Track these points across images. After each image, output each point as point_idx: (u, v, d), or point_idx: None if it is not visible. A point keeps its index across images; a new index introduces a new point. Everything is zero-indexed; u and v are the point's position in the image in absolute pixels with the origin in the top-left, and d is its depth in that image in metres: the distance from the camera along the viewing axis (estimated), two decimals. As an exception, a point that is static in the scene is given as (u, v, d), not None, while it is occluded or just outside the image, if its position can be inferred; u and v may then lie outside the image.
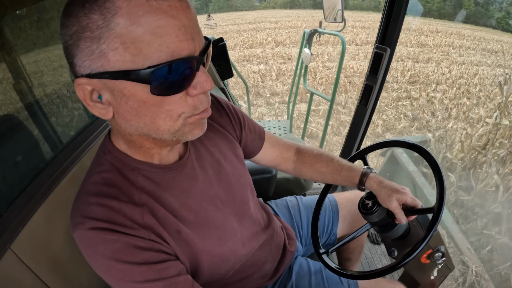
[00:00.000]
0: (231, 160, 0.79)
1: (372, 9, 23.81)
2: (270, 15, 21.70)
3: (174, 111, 0.50)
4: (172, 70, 0.45)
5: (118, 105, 0.48)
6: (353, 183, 0.87)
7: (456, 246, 2.50)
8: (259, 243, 0.85)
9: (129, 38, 0.42)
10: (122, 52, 0.43)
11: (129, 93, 0.46)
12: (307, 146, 0.99)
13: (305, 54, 2.50)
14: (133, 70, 0.44)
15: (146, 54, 0.43)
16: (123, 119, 0.51)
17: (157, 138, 0.53)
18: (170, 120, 0.50)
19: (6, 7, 0.91)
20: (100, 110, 0.49)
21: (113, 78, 0.45)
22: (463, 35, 13.57)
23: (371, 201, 0.81)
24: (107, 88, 0.47)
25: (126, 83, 0.45)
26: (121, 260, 0.53)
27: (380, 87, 1.58)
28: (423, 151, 0.82)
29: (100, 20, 0.42)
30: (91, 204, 0.55)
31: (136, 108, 0.48)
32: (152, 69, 0.43)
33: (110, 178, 0.58)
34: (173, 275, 0.58)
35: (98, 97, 0.49)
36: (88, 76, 0.45)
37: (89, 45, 0.43)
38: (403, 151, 3.38)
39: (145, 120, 0.50)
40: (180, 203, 0.64)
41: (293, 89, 3.17)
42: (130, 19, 0.42)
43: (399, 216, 0.76)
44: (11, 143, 0.88)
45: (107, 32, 0.42)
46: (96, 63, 0.44)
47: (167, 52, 0.44)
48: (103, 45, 0.43)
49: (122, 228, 0.54)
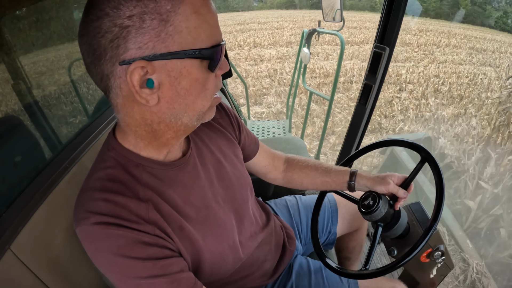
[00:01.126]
0: (231, 159, 0.80)
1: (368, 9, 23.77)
2: (262, 16, 21.60)
3: (209, 91, 0.56)
4: (221, 51, 0.54)
5: (170, 87, 0.52)
6: (343, 181, 0.90)
7: (456, 244, 2.51)
8: (258, 241, 0.86)
9: (193, 23, 0.49)
10: (186, 35, 0.49)
11: (187, 72, 0.51)
12: (294, 156, 1.03)
13: (304, 53, 2.50)
14: (200, 49, 0.50)
15: (203, 38, 0.50)
16: (167, 103, 0.53)
17: (185, 122, 0.57)
18: (206, 100, 0.57)
19: (5, 8, 0.91)
20: (147, 96, 0.51)
21: (178, 58, 0.49)
22: (454, 34, 13.44)
23: (370, 199, 0.81)
24: (165, 69, 0.50)
25: (187, 62, 0.50)
26: (126, 256, 0.53)
27: (379, 86, 1.58)
28: (421, 149, 0.82)
29: (169, 4, 0.47)
30: (96, 199, 0.55)
31: (187, 88, 0.53)
32: (215, 47, 0.52)
33: (114, 174, 0.58)
34: (176, 272, 0.58)
35: (145, 84, 0.50)
36: (148, 58, 0.48)
37: (155, 27, 0.46)
38: (403, 149, 3.39)
39: (188, 100, 0.54)
40: (183, 199, 0.65)
41: (292, 88, 3.17)
42: (193, 7, 0.48)
43: (400, 193, 0.81)
44: (10, 143, 0.88)
45: (174, 16, 0.47)
46: (161, 44, 0.48)
47: (213, 38, 0.52)
48: (170, 27, 0.47)
49: (127, 223, 0.54)
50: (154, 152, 0.61)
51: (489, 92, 6.85)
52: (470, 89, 7.10)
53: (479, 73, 8.17)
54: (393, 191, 0.81)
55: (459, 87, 7.24)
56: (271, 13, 24.50)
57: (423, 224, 0.86)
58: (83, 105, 1.31)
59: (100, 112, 1.19)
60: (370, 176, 0.86)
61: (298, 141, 2.06)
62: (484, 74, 8.08)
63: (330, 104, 2.35)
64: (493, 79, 7.68)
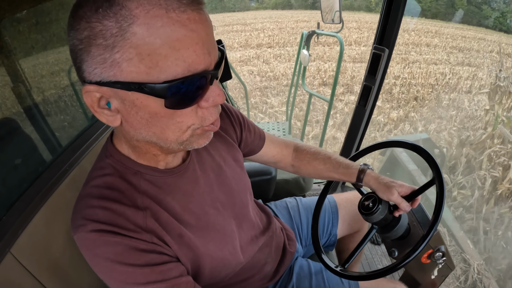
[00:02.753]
0: (231, 164, 0.79)
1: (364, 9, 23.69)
2: (252, 17, 21.50)
3: (184, 123, 0.49)
4: (187, 85, 0.44)
5: (128, 114, 0.47)
6: (351, 180, 0.88)
7: (457, 245, 2.50)
8: (259, 245, 0.85)
9: (146, 49, 0.40)
10: (137, 63, 0.41)
11: (141, 104, 0.45)
12: (305, 144, 1.00)
13: (303, 55, 2.50)
14: (148, 83, 0.42)
15: (162, 67, 0.42)
16: (131, 128, 0.50)
17: (165, 147, 0.53)
18: (179, 132, 0.50)
19: (5, 10, 0.92)
20: (107, 117, 0.48)
21: (126, 89, 0.43)
22: (442, 33, 13.26)
23: (370, 201, 0.81)
24: (118, 97, 0.45)
25: (138, 95, 0.44)
26: (124, 263, 0.53)
27: (378, 87, 1.59)
28: (421, 150, 0.82)
29: (115, 28, 0.39)
30: (93, 206, 0.54)
31: (147, 119, 0.47)
32: (168, 84, 0.42)
33: (112, 181, 0.58)
34: (175, 277, 0.58)
35: (106, 104, 0.47)
36: (98, 83, 0.44)
37: (101, 53, 0.41)
38: (403, 150, 3.39)
39: (154, 130, 0.49)
40: (182, 206, 0.64)
41: (291, 90, 3.17)
42: (148, 30, 0.40)
43: (403, 205, 0.77)
44: (10, 146, 0.88)
45: (122, 42, 0.40)
46: (108, 71, 0.42)
47: (183, 66, 0.42)
48: (117, 55, 0.41)
49: (124, 231, 0.54)
50: (149, 162, 0.60)
51: (454, 93, 6.85)
52: (429, 90, 7.09)
53: (450, 73, 8.14)
54: (396, 202, 0.78)
55: (420, 88, 7.22)
56: (263, 14, 24.46)
57: (424, 225, 0.86)
58: (83, 107, 1.31)
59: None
60: (377, 180, 0.82)
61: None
62: (454, 74, 8.06)
63: (329, 105, 2.36)
64: (465, 78, 7.69)
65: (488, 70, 7.81)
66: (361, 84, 1.65)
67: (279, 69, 8.80)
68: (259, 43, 12.20)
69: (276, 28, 15.53)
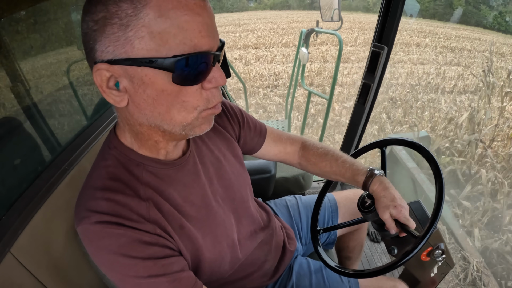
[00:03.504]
0: (230, 159, 0.80)
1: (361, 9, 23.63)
2: (246, 17, 21.41)
3: (189, 103, 0.51)
4: (194, 62, 0.47)
5: (135, 93, 0.50)
6: (358, 186, 0.86)
7: (456, 242, 2.51)
8: (258, 242, 0.86)
9: (157, 28, 0.44)
10: (148, 41, 0.45)
11: (149, 81, 0.48)
12: (313, 142, 0.97)
13: (302, 53, 2.50)
14: (158, 58, 0.46)
15: (171, 45, 0.46)
16: (137, 108, 0.52)
17: (168, 130, 0.54)
18: (184, 111, 0.52)
19: (3, 10, 0.91)
20: (115, 97, 0.50)
21: (136, 65, 0.46)
22: (436, 33, 13.05)
23: (370, 201, 0.82)
24: (127, 75, 0.48)
25: (148, 71, 0.47)
26: (126, 255, 0.53)
27: (378, 85, 1.59)
28: (421, 148, 0.82)
29: (130, 9, 0.44)
30: (97, 198, 0.55)
31: (154, 97, 0.50)
32: (177, 58, 0.46)
33: (115, 172, 0.58)
34: (176, 271, 0.58)
35: (114, 84, 0.49)
36: (109, 62, 0.47)
37: (115, 32, 0.45)
38: (402, 148, 3.39)
39: (160, 109, 0.51)
40: (183, 198, 0.65)
41: (290, 88, 3.17)
42: (159, 11, 0.44)
43: (389, 227, 0.76)
44: (9, 146, 0.88)
45: (135, 21, 0.44)
46: (120, 49, 0.46)
47: (190, 45, 0.46)
48: (130, 33, 0.45)
49: (128, 222, 0.54)
50: (151, 152, 0.61)
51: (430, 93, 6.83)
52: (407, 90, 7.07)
53: (434, 73, 8.10)
54: (385, 222, 0.77)
55: (400, 88, 7.19)
56: (260, 14, 24.41)
57: (423, 223, 0.87)
58: (82, 107, 1.31)
59: (99, 113, 1.19)
60: (382, 192, 0.79)
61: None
62: (438, 74, 8.00)
63: (329, 103, 2.35)
64: (449, 78, 7.65)
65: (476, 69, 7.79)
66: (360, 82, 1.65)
67: (257, 70, 8.75)
68: (245, 44, 12.12)
69: (267, 29, 15.47)
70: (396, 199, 0.76)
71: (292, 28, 15.39)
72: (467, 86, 7.22)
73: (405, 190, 3.20)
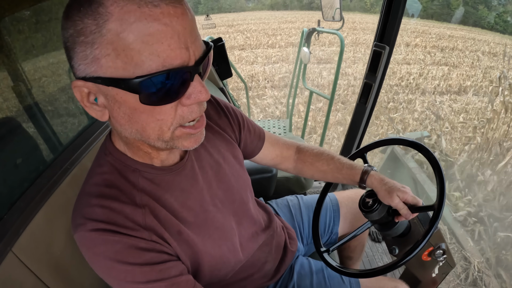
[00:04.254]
0: (230, 161, 0.79)
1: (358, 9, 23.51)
2: (242, 18, 21.23)
3: (165, 121, 0.49)
4: (162, 81, 0.43)
5: (112, 110, 0.48)
6: (354, 181, 0.87)
7: (458, 242, 2.50)
8: (259, 243, 0.85)
9: (120, 45, 0.41)
10: (114, 59, 0.42)
11: (121, 99, 0.46)
12: (307, 145, 0.99)
13: (304, 53, 2.49)
14: (123, 79, 0.43)
15: (137, 63, 0.42)
16: (117, 123, 0.51)
17: (152, 144, 0.53)
18: (159, 130, 0.50)
19: (5, 9, 0.91)
20: (96, 112, 0.49)
21: (105, 84, 0.44)
22: (429, 33, 12.91)
23: (371, 199, 0.81)
24: (101, 92, 0.47)
25: (117, 90, 0.45)
26: (123, 261, 0.53)
27: (379, 85, 1.58)
28: (422, 148, 0.82)
29: (93, 25, 0.41)
30: (92, 205, 0.55)
31: (129, 115, 0.48)
32: (140, 79, 0.42)
33: (111, 179, 0.58)
34: (174, 275, 0.58)
35: (94, 99, 0.48)
36: (84, 79, 0.45)
37: (83, 50, 0.43)
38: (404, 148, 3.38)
39: (136, 127, 0.50)
40: (180, 204, 0.64)
41: (292, 88, 3.17)
42: (121, 25, 0.40)
43: (404, 212, 0.76)
44: (11, 145, 0.88)
45: (99, 38, 0.41)
46: (90, 67, 0.44)
47: (157, 61, 0.42)
48: (96, 51, 0.42)
49: (123, 229, 0.54)
50: (144, 159, 0.61)
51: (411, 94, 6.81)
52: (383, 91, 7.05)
53: (417, 73, 8.09)
54: (396, 207, 0.77)
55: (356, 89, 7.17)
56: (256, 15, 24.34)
57: (424, 223, 0.86)
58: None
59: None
60: (380, 182, 0.81)
61: (298, 140, 2.06)
62: (420, 74, 8.00)
63: (330, 103, 2.35)
64: (432, 78, 7.65)
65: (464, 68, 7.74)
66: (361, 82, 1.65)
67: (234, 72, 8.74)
68: (232, 46, 12.03)
69: (258, 30, 15.43)
70: (397, 184, 0.79)
71: (282, 28, 15.43)
72: (451, 86, 7.21)
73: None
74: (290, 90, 3.36)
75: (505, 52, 7.20)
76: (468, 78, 7.69)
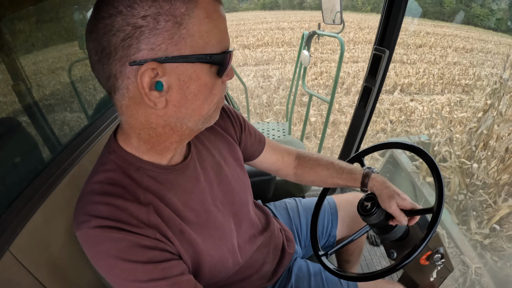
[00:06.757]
0: (231, 162, 0.80)
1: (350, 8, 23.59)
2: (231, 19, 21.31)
3: (215, 96, 0.56)
4: (229, 58, 0.54)
5: (179, 90, 0.51)
6: (355, 185, 0.86)
7: (456, 247, 2.50)
8: (257, 245, 0.86)
9: (205, 28, 0.49)
10: (197, 39, 0.49)
11: (196, 76, 0.51)
12: (307, 152, 0.99)
13: (304, 55, 2.50)
14: (210, 54, 0.51)
15: (214, 43, 0.51)
16: (174, 106, 0.53)
17: (190, 127, 0.57)
18: (211, 104, 0.57)
19: (6, 8, 0.92)
20: (156, 99, 0.51)
21: (189, 61, 0.49)
22: (415, 31, 12.79)
23: (370, 203, 0.81)
24: (175, 72, 0.50)
25: (197, 67, 0.50)
26: (126, 259, 0.53)
27: (379, 88, 1.59)
28: (421, 152, 0.82)
29: (183, 7, 0.47)
30: (96, 202, 0.54)
31: (195, 92, 0.53)
32: (225, 53, 0.53)
33: (114, 177, 0.58)
34: (176, 275, 0.58)
35: (155, 85, 0.50)
36: (159, 60, 0.47)
37: (169, 29, 0.46)
38: (402, 152, 3.39)
39: (195, 105, 0.54)
40: (182, 203, 0.65)
41: (292, 91, 3.18)
42: (206, 12, 0.49)
43: (400, 218, 0.76)
44: (10, 144, 0.88)
45: (188, 20, 0.47)
46: (173, 46, 0.48)
47: (223, 43, 0.53)
48: (184, 31, 0.47)
49: (128, 226, 0.54)
50: (156, 156, 0.61)
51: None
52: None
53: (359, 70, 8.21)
54: (393, 214, 0.77)
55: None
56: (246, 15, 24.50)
57: (423, 227, 0.86)
58: (83, 106, 1.31)
59: (100, 113, 1.19)
60: (381, 185, 0.80)
61: (298, 143, 2.06)
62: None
63: (329, 106, 2.36)
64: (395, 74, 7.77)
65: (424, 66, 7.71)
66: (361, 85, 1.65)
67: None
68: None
69: (237, 30, 15.75)
70: (398, 190, 0.78)
71: (259, 29, 15.87)
72: (388, 84, 7.30)
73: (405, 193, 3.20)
74: (289, 93, 3.36)
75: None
76: (408, 76, 7.84)
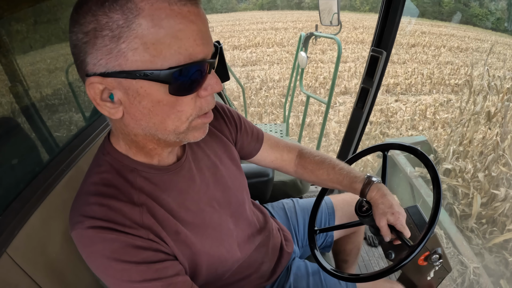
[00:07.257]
0: (226, 163, 0.80)
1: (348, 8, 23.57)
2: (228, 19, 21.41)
3: (183, 113, 0.51)
4: (189, 72, 0.47)
5: (131, 105, 0.49)
6: (355, 193, 0.86)
7: (454, 247, 2.51)
8: (255, 244, 0.86)
9: (150, 39, 0.43)
10: (141, 53, 0.44)
11: (145, 92, 0.47)
12: (309, 150, 0.97)
13: (301, 57, 2.51)
14: (154, 70, 0.45)
15: (165, 56, 0.45)
16: (132, 119, 0.51)
17: (162, 138, 0.54)
18: (178, 121, 0.52)
19: (3, 9, 0.91)
20: (109, 109, 0.50)
21: (131, 78, 0.46)
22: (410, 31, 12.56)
23: (368, 204, 0.82)
24: (121, 87, 0.47)
25: (143, 83, 0.46)
26: (120, 260, 0.53)
27: (376, 90, 1.59)
28: (418, 153, 0.82)
29: (122, 19, 0.43)
30: (90, 203, 0.55)
31: (149, 108, 0.49)
32: (173, 70, 0.45)
33: (109, 178, 0.58)
34: (171, 275, 0.58)
35: (108, 97, 0.49)
36: (102, 75, 0.46)
37: (107, 44, 0.44)
38: (400, 152, 3.39)
39: (155, 120, 0.51)
40: (178, 204, 0.65)
41: (289, 92, 3.18)
42: (152, 21, 0.43)
43: (384, 233, 0.77)
44: (7, 146, 0.88)
45: (127, 32, 0.43)
46: (113, 62, 0.45)
47: (185, 54, 0.46)
48: (123, 45, 0.44)
49: (121, 227, 0.54)
50: (146, 158, 0.61)
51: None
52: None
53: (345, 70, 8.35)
54: (380, 229, 0.77)
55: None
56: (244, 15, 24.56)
57: (421, 227, 0.86)
58: (80, 108, 1.31)
59: (97, 115, 1.19)
60: (380, 198, 0.78)
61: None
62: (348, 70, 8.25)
63: (327, 107, 2.36)
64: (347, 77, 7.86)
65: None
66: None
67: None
68: None
69: (231, 31, 15.83)
70: (394, 206, 0.76)
71: (252, 29, 16.00)
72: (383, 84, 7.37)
73: (402, 194, 3.20)
74: (287, 94, 3.36)
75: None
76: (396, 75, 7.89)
